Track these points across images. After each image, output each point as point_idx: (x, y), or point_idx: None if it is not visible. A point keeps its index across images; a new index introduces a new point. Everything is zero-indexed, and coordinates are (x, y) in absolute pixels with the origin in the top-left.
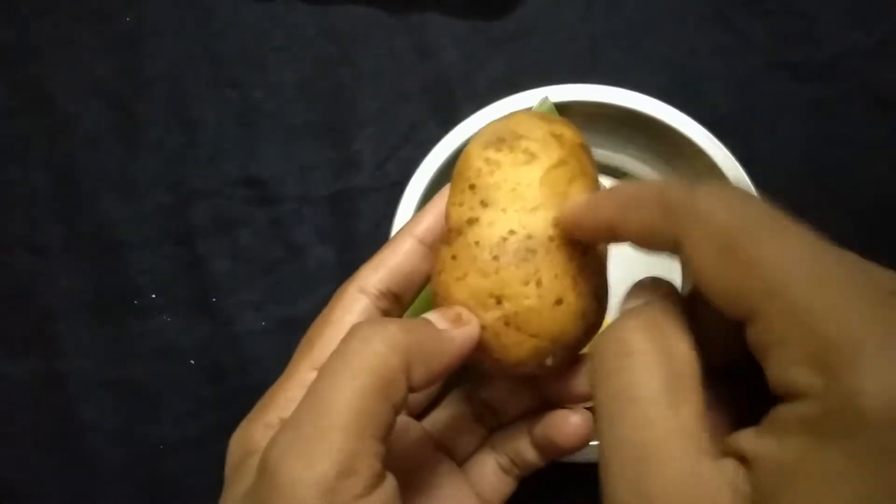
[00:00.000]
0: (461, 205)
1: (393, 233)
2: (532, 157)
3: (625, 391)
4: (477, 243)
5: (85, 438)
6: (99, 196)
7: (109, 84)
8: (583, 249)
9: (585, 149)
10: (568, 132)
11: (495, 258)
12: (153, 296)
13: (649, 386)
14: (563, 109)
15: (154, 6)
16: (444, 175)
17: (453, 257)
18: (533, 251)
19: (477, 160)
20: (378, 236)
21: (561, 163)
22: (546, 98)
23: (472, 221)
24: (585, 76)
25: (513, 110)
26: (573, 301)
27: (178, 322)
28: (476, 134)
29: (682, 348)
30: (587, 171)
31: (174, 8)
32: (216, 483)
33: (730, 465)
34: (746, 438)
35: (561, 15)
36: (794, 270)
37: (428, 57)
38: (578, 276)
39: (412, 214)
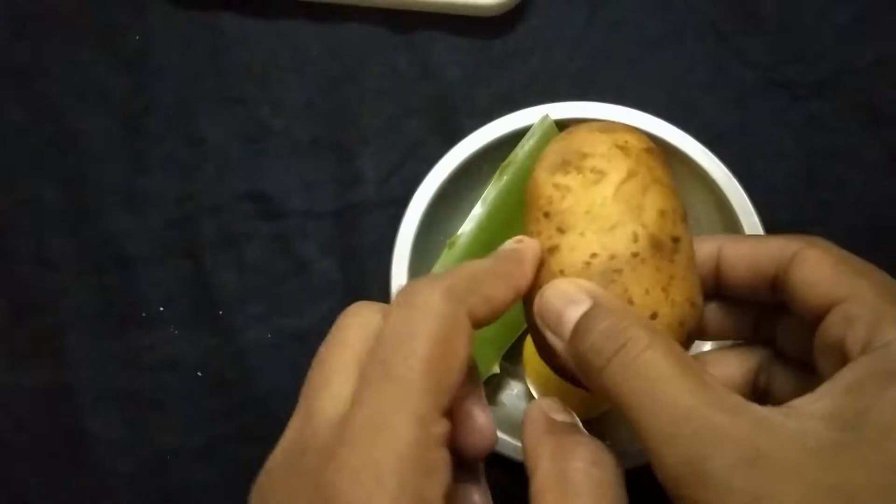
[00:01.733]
0: (539, 234)
1: (396, 247)
2: (601, 174)
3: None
4: (562, 272)
5: (92, 449)
6: (107, 210)
7: (118, 101)
8: (669, 257)
9: (653, 152)
10: (632, 139)
11: None
12: (160, 308)
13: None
14: (564, 127)
15: (162, 24)
16: (447, 191)
17: (541, 288)
18: (619, 271)
19: (546, 187)
20: (381, 251)
21: (631, 174)
22: (547, 115)
23: (552, 250)
24: (585, 94)
25: (575, 124)
26: (668, 312)
27: (184, 334)
28: (540, 158)
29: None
30: (659, 177)
31: (182, 26)
32: (223, 492)
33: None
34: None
35: (561, 33)
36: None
37: (431, 75)
38: (669, 286)
39: (415, 229)
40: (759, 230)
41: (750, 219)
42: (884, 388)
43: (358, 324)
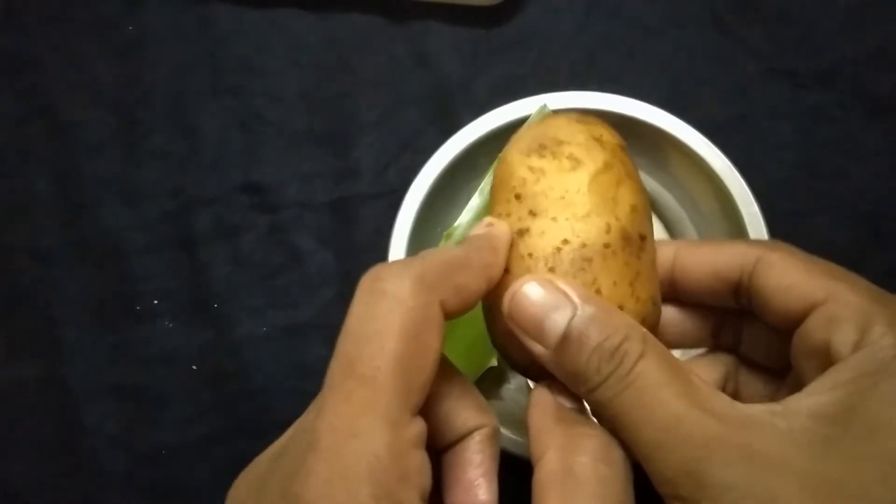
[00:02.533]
0: (508, 215)
1: (393, 239)
2: (577, 162)
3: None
4: (530, 255)
5: (87, 443)
6: (101, 202)
7: (112, 92)
8: (637, 254)
9: (625, 149)
10: (606, 134)
11: (551, 269)
12: (155, 301)
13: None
14: None
15: (156, 15)
16: (444, 182)
17: (507, 271)
18: (589, 260)
19: (520, 168)
20: (378, 243)
21: (606, 167)
22: (545, 105)
23: (522, 232)
24: (584, 83)
25: (553, 115)
26: (632, 308)
27: (179, 327)
28: (512, 141)
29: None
30: (631, 174)
31: (176, 16)
32: (219, 488)
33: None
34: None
35: (559, 23)
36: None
37: (427, 65)
38: (636, 282)
39: (412, 221)
40: (760, 220)
41: (750, 209)
42: (874, 385)
43: None
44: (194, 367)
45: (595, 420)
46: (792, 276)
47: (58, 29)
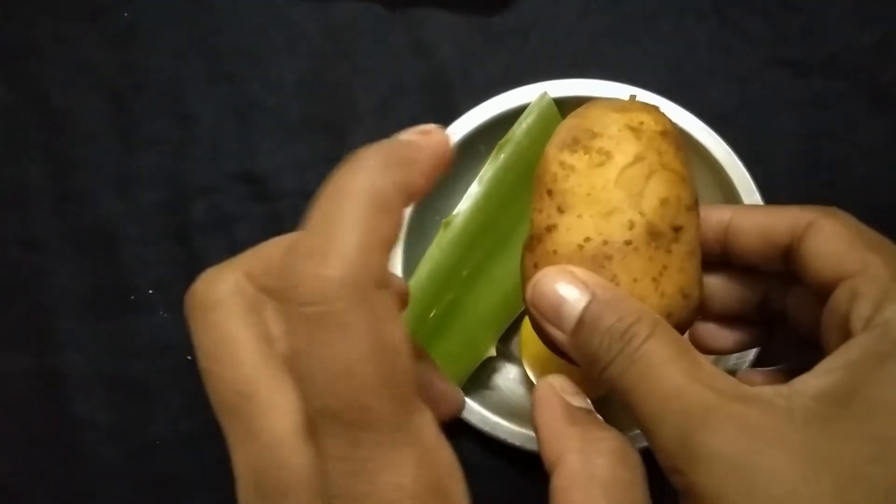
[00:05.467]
0: (541, 211)
1: None
2: (607, 156)
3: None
4: (555, 252)
5: (81, 435)
6: (96, 191)
7: (106, 79)
8: (666, 247)
9: (668, 136)
10: (648, 119)
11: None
12: (150, 291)
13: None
14: (562, 105)
15: (151, 1)
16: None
17: (535, 265)
18: (609, 257)
19: (553, 164)
20: None
21: (637, 159)
22: (545, 93)
23: (550, 228)
24: (584, 71)
25: (594, 100)
26: (655, 303)
27: (174, 318)
28: (555, 132)
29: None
30: (668, 163)
31: (171, 2)
32: (213, 480)
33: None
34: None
35: (560, 10)
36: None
37: (426, 52)
38: (660, 276)
39: (410, 210)
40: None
41: (752, 198)
42: (878, 367)
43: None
44: (189, 358)
45: (603, 420)
46: (833, 244)
47: (52, 15)
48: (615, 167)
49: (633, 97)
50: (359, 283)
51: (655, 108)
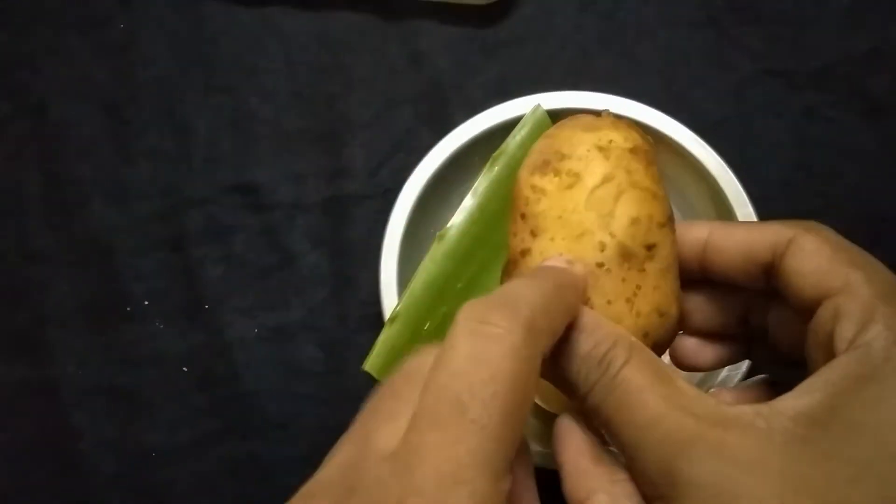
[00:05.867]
0: (515, 235)
1: (386, 239)
2: (576, 178)
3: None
4: None
5: (76, 445)
6: (92, 202)
7: (102, 90)
8: (640, 266)
9: (638, 152)
10: (618, 137)
11: None
12: (146, 302)
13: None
14: (556, 117)
15: (147, 12)
16: (437, 182)
17: None
18: None
19: (525, 188)
20: (370, 243)
21: (605, 179)
22: (539, 105)
23: (524, 252)
24: (577, 83)
25: (561, 121)
26: (631, 324)
27: (170, 329)
28: (527, 155)
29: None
30: (638, 181)
31: (167, 14)
32: (208, 490)
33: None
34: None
35: (553, 22)
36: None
37: (421, 64)
38: (634, 297)
39: (405, 221)
40: (754, 221)
41: (745, 209)
42: (859, 389)
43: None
44: (185, 369)
45: (618, 456)
46: (815, 262)
47: (48, 26)
48: (584, 189)
49: (606, 112)
50: None
51: (626, 125)
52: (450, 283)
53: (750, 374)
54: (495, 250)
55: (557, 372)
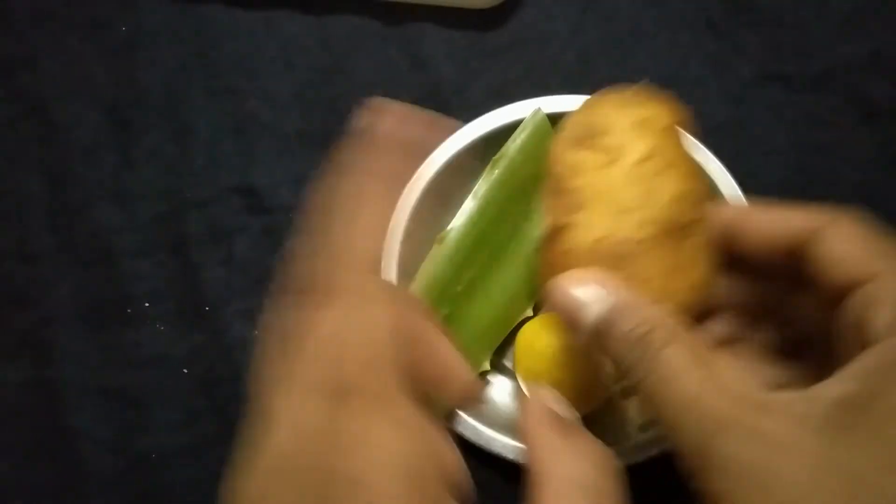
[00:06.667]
0: (552, 209)
1: (386, 242)
2: (616, 154)
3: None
4: (570, 251)
5: (76, 447)
6: (93, 204)
7: (104, 92)
8: (678, 243)
9: (674, 130)
10: (656, 113)
11: (587, 265)
12: (146, 304)
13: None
14: (556, 120)
15: (149, 15)
16: (438, 185)
17: (549, 265)
18: (624, 257)
19: (561, 162)
20: None
21: (647, 157)
22: (539, 109)
23: (563, 227)
24: (578, 87)
25: (596, 95)
26: (669, 300)
27: (171, 331)
28: (561, 126)
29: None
30: (676, 158)
31: (170, 16)
32: (209, 493)
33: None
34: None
35: (554, 26)
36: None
37: (422, 67)
38: (673, 273)
39: (405, 224)
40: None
41: None
42: None
43: None
44: (185, 371)
45: (589, 432)
46: (847, 249)
47: (50, 28)
48: (625, 165)
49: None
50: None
51: (664, 100)
52: (450, 286)
53: None
54: (495, 253)
55: (598, 348)
